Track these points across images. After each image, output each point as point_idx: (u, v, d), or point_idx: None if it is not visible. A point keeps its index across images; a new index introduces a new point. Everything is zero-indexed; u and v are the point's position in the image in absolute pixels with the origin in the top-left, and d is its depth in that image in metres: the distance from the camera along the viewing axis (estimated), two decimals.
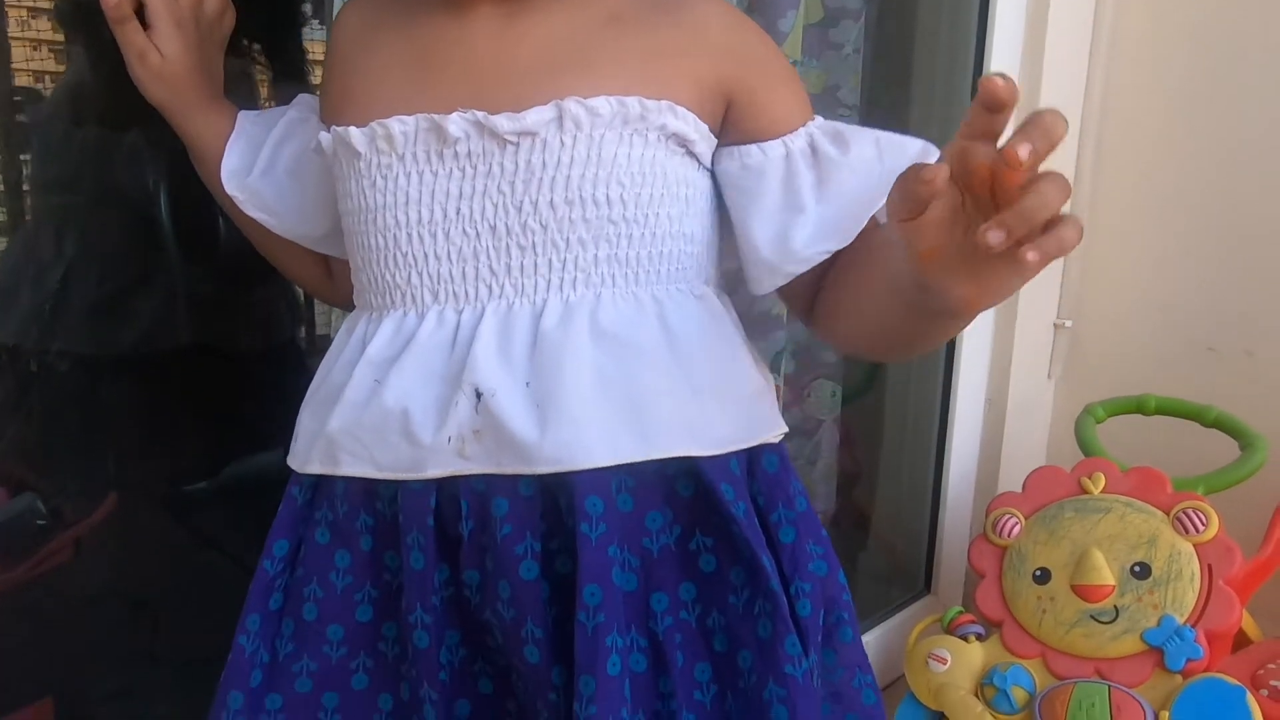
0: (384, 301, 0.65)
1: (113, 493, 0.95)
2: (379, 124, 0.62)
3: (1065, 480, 1.31)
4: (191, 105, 0.72)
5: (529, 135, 0.60)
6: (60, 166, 0.82)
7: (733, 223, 0.67)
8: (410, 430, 0.61)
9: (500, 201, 0.61)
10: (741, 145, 0.65)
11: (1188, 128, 1.47)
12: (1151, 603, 1.18)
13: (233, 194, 0.72)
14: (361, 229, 0.65)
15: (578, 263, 0.61)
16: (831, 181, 0.63)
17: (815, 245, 0.63)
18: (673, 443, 0.60)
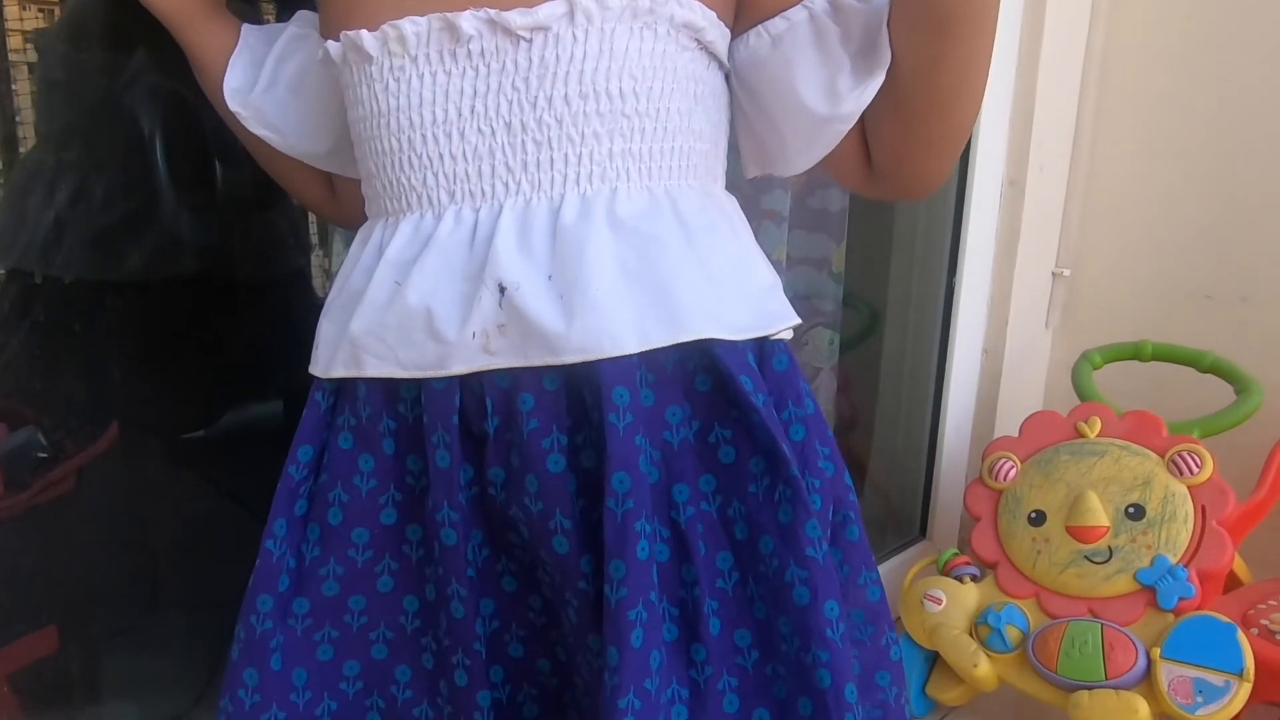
0: (400, 205, 0.65)
1: (114, 423, 0.95)
2: (390, 26, 0.62)
3: (1061, 424, 1.32)
4: (193, 17, 0.71)
5: (541, 30, 0.60)
6: (63, 92, 0.82)
7: (771, 102, 0.67)
8: (434, 328, 0.61)
9: (515, 98, 0.61)
10: (764, 21, 0.66)
11: (1187, 77, 1.47)
12: (1145, 543, 1.19)
13: (236, 110, 0.72)
14: (374, 134, 0.65)
15: (593, 156, 0.62)
16: (857, 30, 0.64)
17: (860, 88, 0.64)
18: (698, 325, 0.61)
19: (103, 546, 1.04)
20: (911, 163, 0.66)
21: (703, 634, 0.62)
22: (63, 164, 0.81)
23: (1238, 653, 1.09)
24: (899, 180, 0.68)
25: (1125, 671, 1.12)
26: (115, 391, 0.95)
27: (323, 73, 0.69)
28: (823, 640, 0.61)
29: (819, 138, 0.66)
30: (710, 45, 0.65)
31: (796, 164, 0.69)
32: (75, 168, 0.81)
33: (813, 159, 0.67)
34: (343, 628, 0.68)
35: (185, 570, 1.09)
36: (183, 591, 1.10)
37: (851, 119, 0.65)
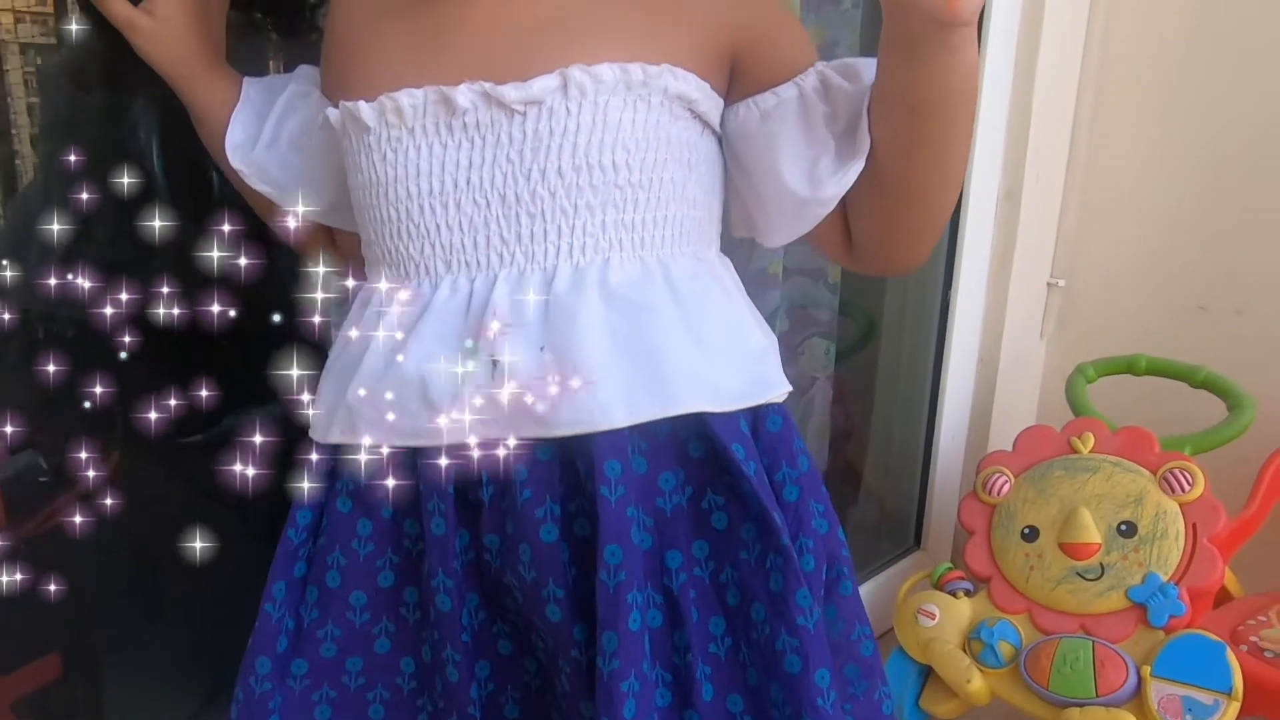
0: (398, 272, 0.66)
1: (115, 451, 0.95)
2: (388, 97, 0.63)
3: (1055, 439, 1.33)
4: (192, 72, 0.72)
5: (536, 103, 0.61)
6: (65, 129, 0.82)
7: (756, 177, 0.67)
8: (429, 397, 0.62)
9: (509, 170, 0.62)
10: (755, 95, 0.66)
11: (1182, 90, 1.47)
12: (1137, 560, 1.21)
13: (237, 168, 0.72)
14: (373, 202, 0.65)
15: (586, 228, 0.62)
16: (844, 112, 0.65)
17: (841, 173, 0.64)
18: (688, 399, 0.62)
19: (103, 563, 1.05)
20: (891, 244, 0.67)
21: (695, 700, 0.63)
22: (64, 198, 0.82)
23: (1227, 672, 1.11)
24: (880, 259, 0.69)
25: (1116, 689, 1.14)
26: (112, 401, 0.95)
27: (324, 131, 0.69)
28: (814, 709, 0.61)
29: (800, 216, 0.67)
30: (704, 114, 0.66)
31: (778, 237, 0.69)
32: (76, 202, 0.82)
33: (794, 234, 0.68)
34: (340, 688, 0.69)
35: (183, 581, 1.09)
36: (182, 602, 1.11)
37: (831, 203, 0.65)
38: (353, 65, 0.67)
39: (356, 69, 0.66)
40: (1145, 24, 1.48)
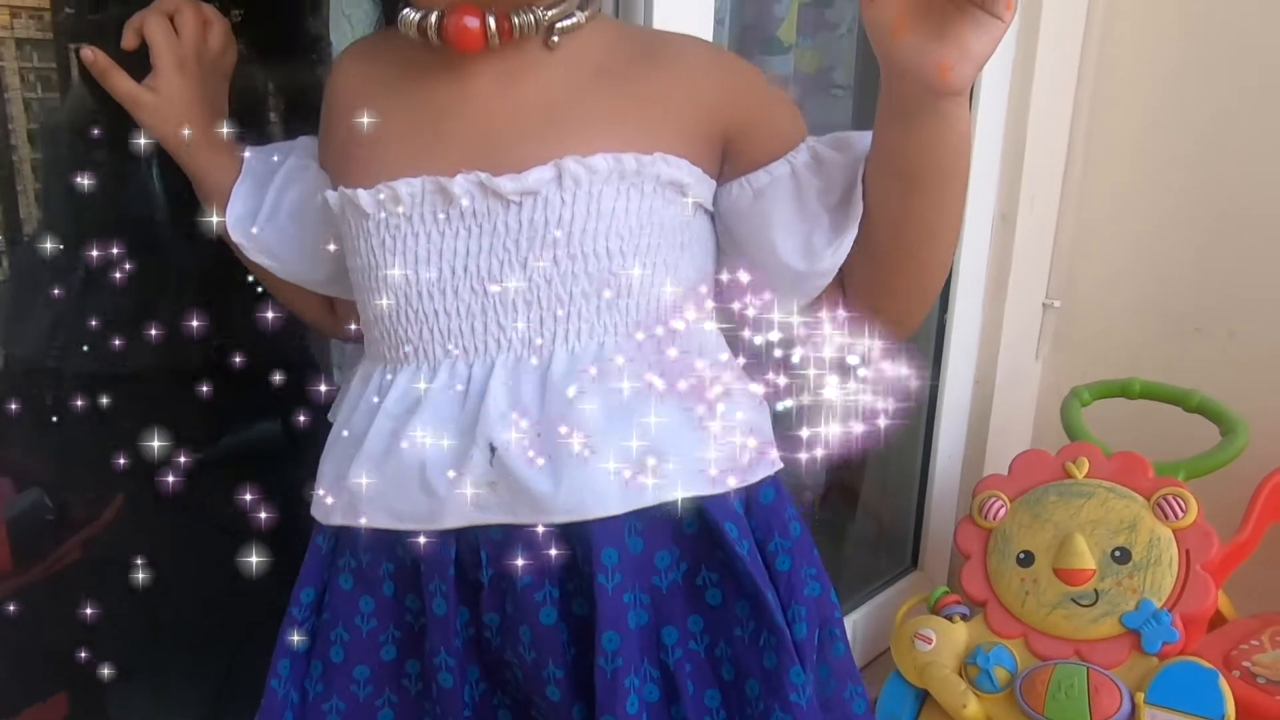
0: (397, 355, 0.67)
1: (120, 494, 0.97)
2: (386, 186, 0.63)
3: (1050, 464, 1.34)
4: (196, 145, 0.73)
5: (531, 194, 0.62)
6: (70, 187, 0.83)
7: (752, 253, 0.68)
8: (428, 483, 0.63)
9: (506, 258, 0.63)
10: (747, 174, 0.67)
11: (1176, 113, 1.48)
12: (1130, 587, 1.22)
13: (238, 241, 0.73)
14: (372, 286, 0.66)
15: (581, 313, 0.63)
16: (838, 183, 0.65)
17: (836, 244, 0.65)
18: (682, 484, 0.63)
19: (108, 594, 1.06)
20: (885, 309, 0.67)
21: None
22: (69, 254, 0.83)
23: (1219, 699, 1.12)
24: (873, 319, 0.68)
25: (1110, 716, 1.15)
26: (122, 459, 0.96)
27: (323, 208, 0.70)
28: None
29: (798, 288, 0.67)
30: (696, 197, 0.66)
31: (797, 295, 0.68)
32: (81, 258, 0.83)
33: (791, 305, 0.67)
34: None
35: (192, 616, 1.11)
36: (191, 639, 1.12)
37: (829, 275, 0.66)
38: (352, 148, 0.68)
39: (355, 152, 0.67)
40: (1139, 49, 1.49)
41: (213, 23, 0.73)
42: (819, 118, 1.48)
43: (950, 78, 0.56)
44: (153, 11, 0.71)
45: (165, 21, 0.71)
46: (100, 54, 0.70)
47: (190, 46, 0.71)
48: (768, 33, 1.33)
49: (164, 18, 0.71)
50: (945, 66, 0.55)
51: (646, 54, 0.66)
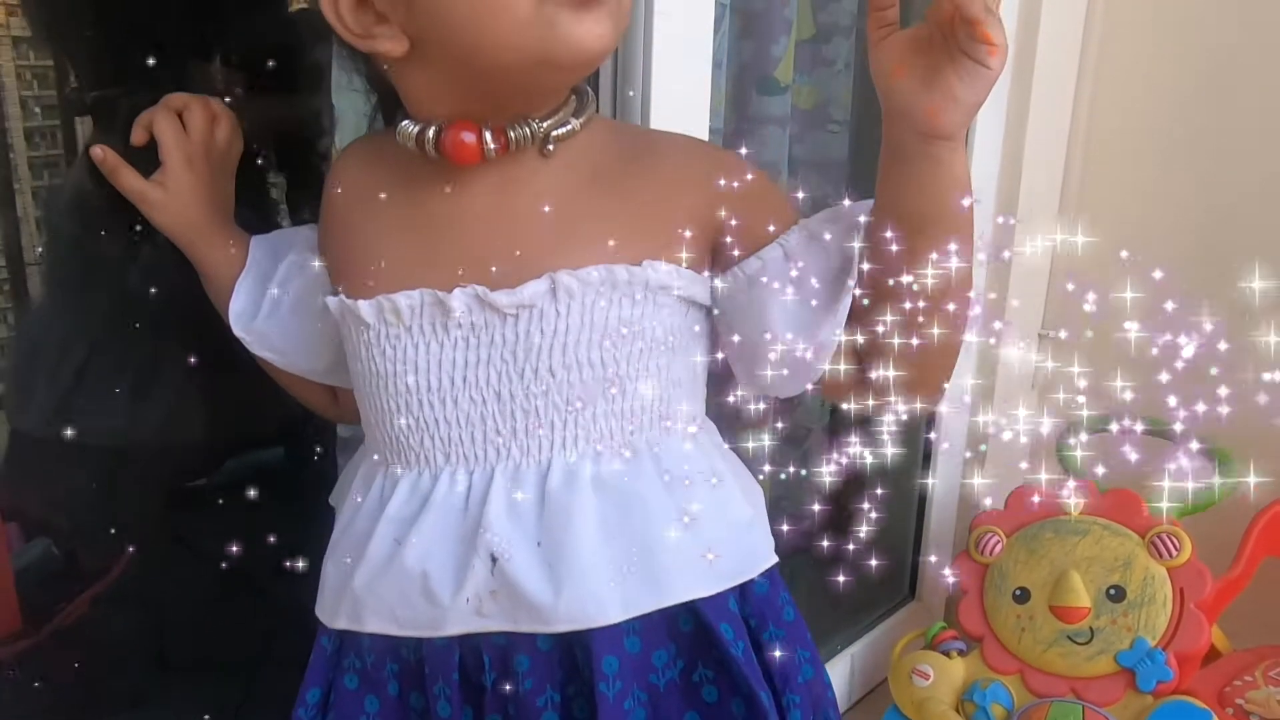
0: (399, 459, 0.68)
1: (129, 549, 0.98)
2: (386, 299, 0.65)
3: (1045, 499, 1.35)
4: (200, 236, 0.74)
5: (526, 307, 0.63)
6: (73, 263, 0.84)
7: (752, 339, 0.68)
8: (430, 591, 0.65)
9: (503, 369, 0.64)
10: (740, 263, 0.67)
11: (1169, 153, 1.50)
12: (1125, 625, 1.24)
13: (240, 335, 0.74)
14: (373, 392, 0.68)
15: (578, 421, 0.65)
16: (834, 253, 0.66)
17: (833, 320, 0.65)
18: (679, 589, 0.64)
19: (114, 630, 1.07)
20: (909, 373, 0.66)
21: None
22: (73, 327, 0.84)
23: None
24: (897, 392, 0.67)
25: None
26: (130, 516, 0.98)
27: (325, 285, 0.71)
28: None
29: (800, 371, 0.67)
30: (689, 296, 0.67)
31: (786, 389, 0.70)
32: (85, 331, 0.84)
33: (800, 386, 0.68)
34: None
35: (192, 634, 1.12)
36: (191, 656, 1.13)
37: (829, 349, 0.65)
38: (350, 255, 0.69)
39: (354, 260, 0.68)
40: (1133, 88, 1.50)
41: (220, 117, 0.74)
42: (816, 153, 1.50)
43: (938, 122, 0.58)
44: (162, 108, 0.72)
45: (174, 118, 0.72)
46: (110, 153, 0.71)
47: (199, 143, 0.73)
48: (765, 73, 1.34)
49: (173, 114, 0.72)
50: (934, 111, 0.57)
51: (636, 156, 0.67)
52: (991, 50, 0.55)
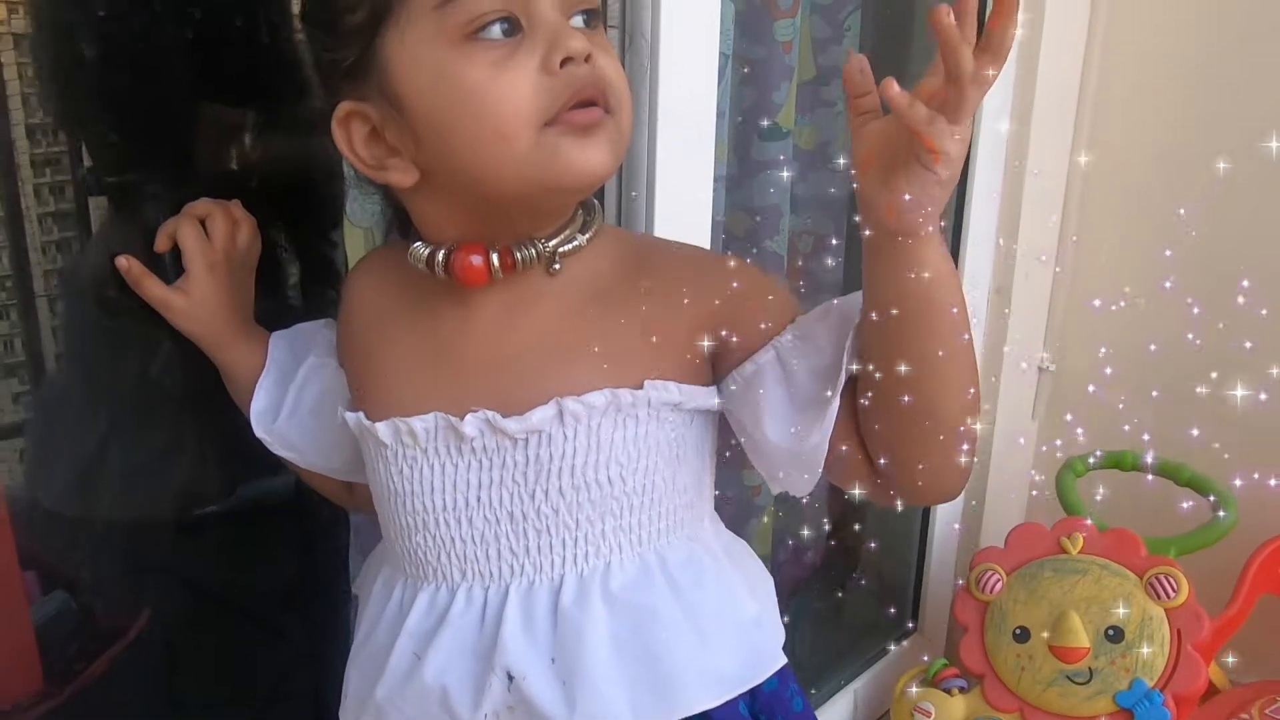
0: (418, 573, 0.71)
1: (147, 609, 1.00)
2: (402, 421, 0.67)
3: (1045, 538, 1.37)
4: (222, 338, 0.76)
5: (535, 432, 0.65)
6: (90, 348, 0.86)
7: (754, 439, 0.68)
8: (450, 706, 0.67)
9: (515, 490, 0.66)
10: (738, 367, 0.68)
11: (1169, 183, 1.51)
12: (1124, 666, 1.25)
13: (261, 436, 0.77)
14: (391, 508, 0.70)
15: (588, 537, 0.67)
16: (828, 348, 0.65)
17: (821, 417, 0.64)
18: (691, 700, 0.66)
19: (130, 682, 1.09)
20: (911, 467, 0.64)
21: None
22: (93, 401, 0.86)
23: None
24: (905, 485, 0.66)
25: None
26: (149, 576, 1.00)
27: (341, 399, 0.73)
28: None
29: (803, 464, 0.66)
30: (692, 405, 0.68)
31: (799, 487, 0.69)
32: (103, 406, 0.86)
33: (811, 483, 0.68)
34: None
35: (200, 669, 1.14)
36: (199, 691, 1.15)
37: (820, 448, 0.65)
38: (367, 375, 0.71)
39: (370, 380, 0.71)
40: (1129, 127, 1.52)
41: (241, 223, 0.76)
42: (817, 191, 1.52)
43: (893, 218, 0.57)
44: (185, 216, 0.75)
45: (198, 226, 0.74)
46: (134, 263, 0.74)
47: (221, 249, 0.75)
48: (767, 119, 1.36)
49: (196, 223, 0.74)
50: (890, 207, 0.57)
51: (639, 270, 0.68)
52: (935, 157, 0.54)
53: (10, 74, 0.85)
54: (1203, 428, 1.52)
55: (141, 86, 0.82)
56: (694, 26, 0.99)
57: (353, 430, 0.70)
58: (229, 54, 0.85)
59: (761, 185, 1.39)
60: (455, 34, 0.59)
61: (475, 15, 0.59)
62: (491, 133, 0.59)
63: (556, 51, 0.59)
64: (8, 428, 0.95)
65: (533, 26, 0.60)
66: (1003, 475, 1.62)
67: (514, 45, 0.60)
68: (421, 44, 0.60)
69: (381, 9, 0.60)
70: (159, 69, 0.81)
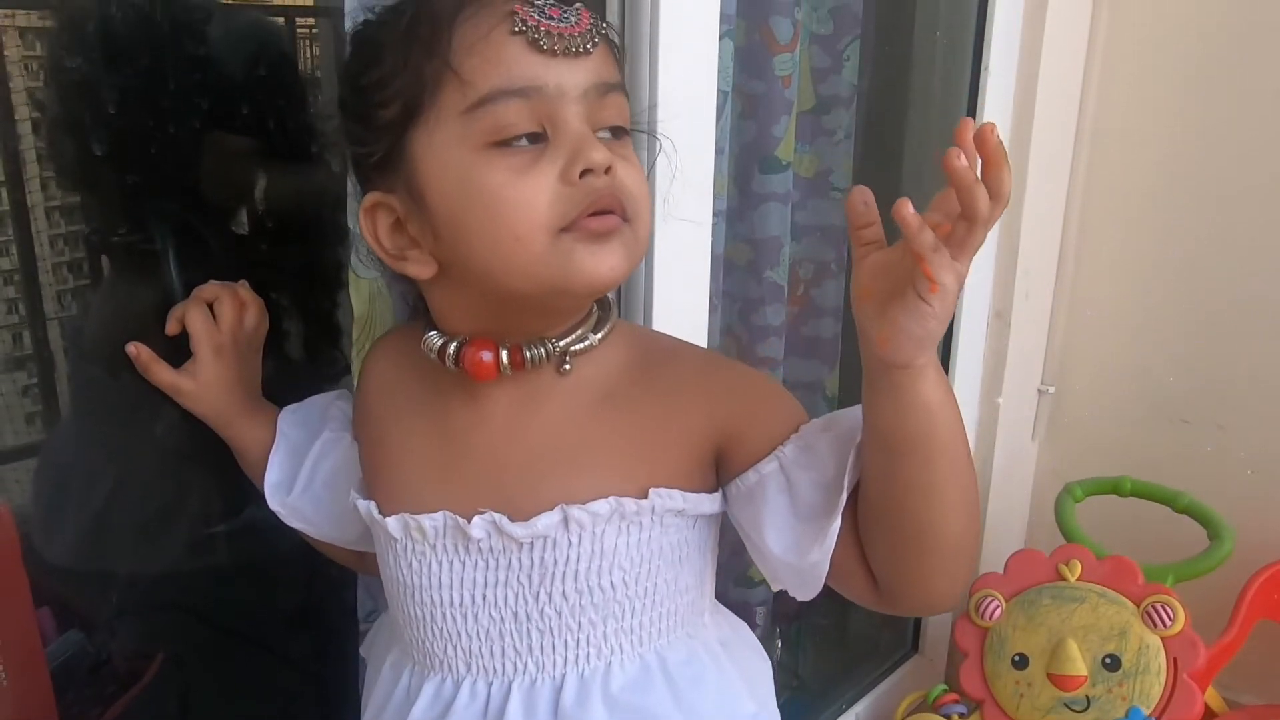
0: (425, 662, 0.72)
1: (160, 655, 1.02)
2: (412, 519, 0.68)
3: (1044, 565, 1.39)
4: (231, 417, 0.78)
5: (540, 537, 0.66)
6: (96, 398, 0.88)
7: (755, 546, 0.69)
8: None
9: (520, 591, 0.68)
10: (740, 475, 0.69)
11: (1164, 210, 1.53)
12: (1120, 694, 1.27)
13: (275, 509, 0.78)
14: (401, 598, 0.72)
15: (589, 639, 0.69)
16: (830, 463, 0.66)
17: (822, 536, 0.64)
18: None
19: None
20: (909, 583, 0.65)
21: None
22: (97, 461, 0.88)
23: None
24: (905, 599, 0.67)
25: None
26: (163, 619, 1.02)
27: (354, 474, 0.75)
28: None
29: (803, 578, 0.67)
30: (694, 511, 0.69)
31: (799, 595, 0.69)
32: (109, 465, 0.88)
33: (812, 591, 0.68)
34: None
35: (212, 696, 1.16)
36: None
37: (820, 566, 0.66)
38: (380, 464, 0.73)
39: (383, 471, 0.72)
40: (1130, 147, 1.53)
41: (248, 305, 0.78)
42: (818, 219, 1.53)
43: (886, 350, 0.57)
44: (194, 301, 0.76)
45: (205, 310, 0.76)
46: (143, 350, 0.75)
47: (228, 333, 0.76)
48: (766, 153, 1.37)
49: (204, 306, 0.76)
50: (883, 339, 0.57)
51: (647, 374, 0.69)
52: (932, 287, 0.54)
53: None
54: (1200, 454, 1.55)
55: (144, 150, 0.83)
56: (694, 62, 1.01)
57: (364, 520, 0.72)
58: (236, 119, 0.87)
59: (762, 217, 1.41)
60: (481, 139, 0.60)
61: (503, 125, 0.60)
62: (508, 234, 0.60)
63: (577, 163, 0.60)
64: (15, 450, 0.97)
65: (557, 135, 0.61)
66: (1002, 499, 1.63)
67: (537, 153, 0.61)
68: (448, 146, 0.61)
69: (413, 107, 0.61)
70: (161, 133, 0.82)
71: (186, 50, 0.80)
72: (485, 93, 0.60)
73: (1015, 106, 1.47)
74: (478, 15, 0.61)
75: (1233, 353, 1.51)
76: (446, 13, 0.61)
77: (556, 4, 0.62)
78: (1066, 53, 1.50)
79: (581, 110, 0.62)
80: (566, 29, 0.61)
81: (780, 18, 1.33)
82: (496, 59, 0.60)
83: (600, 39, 0.63)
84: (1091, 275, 1.59)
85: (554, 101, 0.61)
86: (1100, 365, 1.62)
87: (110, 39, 0.79)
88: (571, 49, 0.61)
